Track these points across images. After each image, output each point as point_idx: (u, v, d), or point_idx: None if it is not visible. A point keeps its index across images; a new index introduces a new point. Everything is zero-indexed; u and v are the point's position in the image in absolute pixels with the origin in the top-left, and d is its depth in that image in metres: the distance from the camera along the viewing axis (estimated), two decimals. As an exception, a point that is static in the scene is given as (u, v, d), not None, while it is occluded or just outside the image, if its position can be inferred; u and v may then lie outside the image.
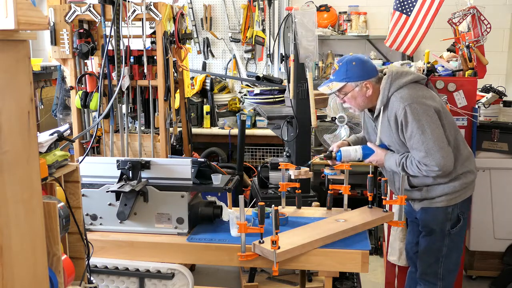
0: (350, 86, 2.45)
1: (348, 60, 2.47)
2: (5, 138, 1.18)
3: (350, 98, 2.49)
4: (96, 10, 3.20)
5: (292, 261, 2.17)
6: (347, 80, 2.44)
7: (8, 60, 1.20)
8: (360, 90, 2.45)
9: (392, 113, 2.40)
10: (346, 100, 2.52)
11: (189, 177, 2.38)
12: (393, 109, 2.40)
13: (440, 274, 2.56)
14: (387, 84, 2.43)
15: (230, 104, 4.87)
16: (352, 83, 2.44)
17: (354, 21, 5.04)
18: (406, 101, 2.35)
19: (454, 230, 2.51)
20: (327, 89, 2.51)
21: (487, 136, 3.47)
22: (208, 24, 5.11)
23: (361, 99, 2.48)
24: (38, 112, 4.26)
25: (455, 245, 2.55)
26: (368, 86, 2.45)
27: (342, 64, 2.47)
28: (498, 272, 3.60)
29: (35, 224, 1.33)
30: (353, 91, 2.46)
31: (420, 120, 2.33)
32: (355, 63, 2.45)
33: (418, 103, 2.35)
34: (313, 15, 2.95)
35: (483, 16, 3.32)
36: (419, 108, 2.34)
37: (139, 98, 3.34)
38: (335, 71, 2.50)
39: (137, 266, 2.31)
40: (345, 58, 2.49)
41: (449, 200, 2.47)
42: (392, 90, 2.42)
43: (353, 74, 2.44)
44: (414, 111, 2.34)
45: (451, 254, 2.55)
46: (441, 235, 2.51)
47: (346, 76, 2.44)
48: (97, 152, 3.48)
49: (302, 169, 2.65)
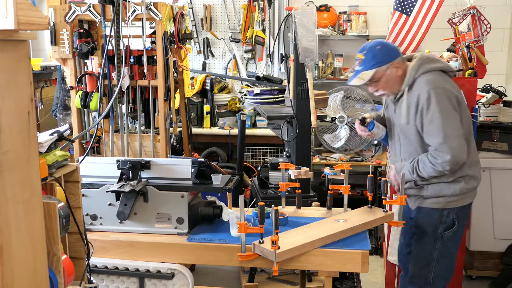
0: (381, 71, 2.40)
1: (371, 47, 2.43)
2: (5, 138, 1.18)
3: (384, 83, 2.43)
4: (96, 10, 3.20)
5: (292, 261, 2.17)
6: (377, 66, 2.39)
7: (8, 60, 1.20)
8: (391, 72, 2.40)
9: (415, 94, 2.37)
10: (379, 87, 2.46)
11: (189, 177, 2.38)
12: (416, 91, 2.36)
13: (430, 278, 2.52)
14: (415, 66, 2.41)
15: (230, 104, 4.87)
16: (383, 66, 2.39)
17: (354, 21, 5.04)
18: (431, 85, 2.33)
19: (447, 233, 2.47)
20: (359, 81, 2.43)
21: (487, 136, 3.48)
22: (208, 24, 5.11)
23: (393, 82, 2.43)
24: (38, 112, 4.26)
25: (447, 251, 2.51)
26: (397, 66, 2.41)
27: (367, 52, 2.42)
28: (498, 272, 3.60)
29: (35, 224, 1.33)
30: (385, 75, 2.41)
31: (443, 104, 2.31)
32: (379, 47, 2.42)
33: (443, 89, 2.34)
34: (313, 15, 2.95)
35: (483, 16, 3.33)
36: (442, 94, 2.32)
37: (139, 98, 3.34)
38: (361, 61, 2.43)
39: (137, 266, 2.31)
40: (367, 46, 2.44)
41: (446, 203, 2.44)
42: (419, 72, 2.39)
43: (381, 58, 2.39)
44: (438, 96, 2.31)
45: (442, 259, 2.51)
46: (433, 237, 2.48)
47: (375, 62, 2.39)
48: (97, 152, 3.48)
49: (302, 169, 2.65)
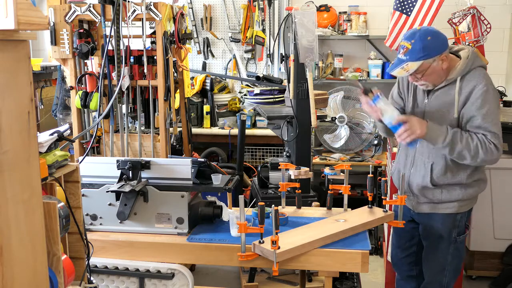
0: (428, 63, 2.26)
1: (422, 36, 2.25)
2: (5, 138, 1.18)
3: (427, 75, 2.31)
4: (96, 10, 3.20)
5: (292, 261, 2.17)
6: (425, 58, 2.24)
7: (8, 60, 1.20)
8: (437, 65, 2.28)
9: (469, 84, 2.29)
10: (422, 78, 2.33)
11: (189, 177, 2.38)
12: (472, 82, 2.28)
13: (444, 282, 2.55)
14: (471, 57, 2.33)
15: (230, 104, 4.87)
16: (430, 59, 2.25)
17: (354, 21, 5.04)
18: (488, 81, 2.29)
19: (461, 238, 2.49)
20: (403, 72, 2.28)
21: (487, 136, 3.47)
22: (208, 24, 5.11)
23: (437, 74, 2.31)
24: (38, 112, 4.26)
25: (459, 253, 2.53)
26: (444, 59, 2.28)
27: (416, 41, 2.24)
28: (498, 272, 3.60)
29: (35, 224, 1.33)
30: (430, 67, 2.27)
31: (497, 101, 2.31)
32: (430, 38, 2.25)
33: (496, 91, 2.37)
34: (313, 15, 2.95)
35: (483, 16, 3.33)
36: (496, 93, 2.34)
37: (139, 98, 3.34)
38: (407, 50, 2.25)
39: (137, 266, 2.31)
40: (417, 34, 2.26)
41: (460, 207, 2.43)
42: (475, 64, 2.33)
43: (430, 51, 2.24)
44: (494, 92, 2.31)
45: (454, 261, 2.53)
46: (448, 242, 2.48)
47: (424, 54, 2.23)
48: (97, 152, 3.48)
49: (302, 169, 2.65)
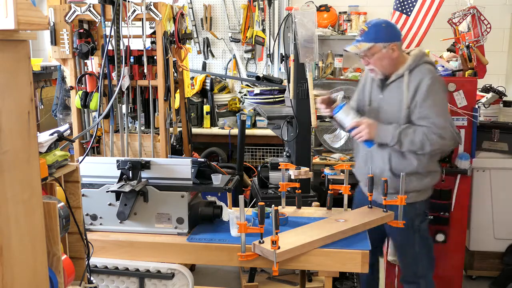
0: (378, 47, 2.51)
1: (377, 22, 2.55)
2: (5, 138, 1.18)
3: (377, 59, 2.54)
4: (96, 10, 3.20)
5: (292, 261, 2.16)
6: (376, 41, 2.51)
7: (8, 60, 1.20)
8: (387, 52, 2.52)
9: (416, 78, 2.51)
10: (371, 62, 2.57)
11: (189, 177, 2.38)
12: (418, 75, 2.51)
13: (420, 273, 2.67)
14: (418, 54, 2.58)
15: (230, 104, 4.87)
16: (380, 44, 2.51)
17: (354, 21, 5.04)
18: (433, 74, 2.53)
19: (423, 225, 2.65)
20: (356, 49, 2.55)
21: (487, 136, 3.48)
22: (208, 24, 5.11)
23: (387, 61, 2.55)
24: (38, 112, 4.26)
25: (426, 242, 2.70)
26: (394, 49, 2.53)
27: (372, 26, 2.54)
28: (498, 272, 3.60)
29: (35, 224, 1.33)
30: (380, 52, 2.52)
31: (444, 94, 2.56)
32: (384, 25, 2.54)
33: (443, 82, 2.61)
34: (313, 15, 2.94)
35: (483, 16, 3.33)
36: (443, 86, 2.58)
37: (139, 98, 3.34)
38: (364, 32, 2.55)
39: (137, 266, 2.31)
40: (373, 21, 2.57)
41: (417, 196, 2.61)
42: (422, 60, 2.56)
43: (382, 35, 2.52)
44: (440, 85, 2.53)
45: (423, 251, 2.67)
46: (412, 231, 2.63)
47: (376, 37, 2.51)
48: (97, 152, 3.48)
49: (302, 169, 2.65)
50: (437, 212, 3.19)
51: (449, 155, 3.16)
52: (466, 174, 3.17)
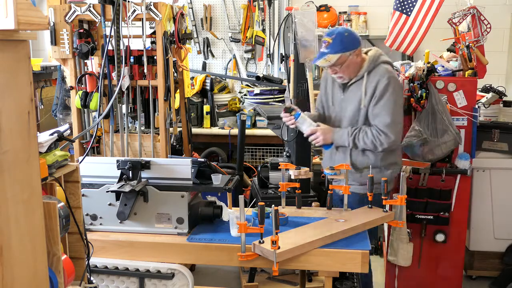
0: (345, 56, 2.62)
1: (340, 32, 2.65)
2: (5, 138, 1.18)
3: (345, 67, 2.65)
4: (96, 10, 3.20)
5: (292, 261, 2.17)
6: (343, 51, 2.61)
7: (8, 60, 1.20)
8: (353, 58, 2.65)
9: (374, 79, 2.65)
10: (339, 71, 2.67)
11: (189, 177, 2.38)
12: (376, 76, 2.65)
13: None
14: (376, 55, 2.72)
15: (230, 104, 4.87)
16: (347, 52, 2.62)
17: (354, 21, 5.04)
18: (390, 73, 2.67)
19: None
20: (326, 62, 2.63)
21: (487, 136, 3.47)
22: (208, 24, 5.11)
23: (352, 67, 2.67)
24: (38, 112, 4.25)
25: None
26: (358, 54, 2.67)
27: (336, 36, 2.62)
28: (498, 272, 3.60)
29: (35, 224, 1.33)
30: (348, 60, 2.63)
31: (397, 93, 2.68)
32: (347, 34, 2.65)
33: (398, 81, 2.73)
34: (313, 15, 2.95)
35: (483, 16, 3.32)
36: (398, 85, 2.72)
37: (139, 98, 3.34)
38: (329, 44, 2.62)
39: (137, 266, 2.31)
40: (336, 31, 2.66)
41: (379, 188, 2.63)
42: (379, 60, 2.70)
43: (347, 45, 2.62)
44: (395, 85, 2.67)
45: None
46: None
47: (342, 47, 2.60)
48: (97, 152, 3.48)
49: (302, 169, 2.65)
50: (437, 212, 3.18)
51: (449, 155, 3.16)
52: (466, 174, 3.17)
